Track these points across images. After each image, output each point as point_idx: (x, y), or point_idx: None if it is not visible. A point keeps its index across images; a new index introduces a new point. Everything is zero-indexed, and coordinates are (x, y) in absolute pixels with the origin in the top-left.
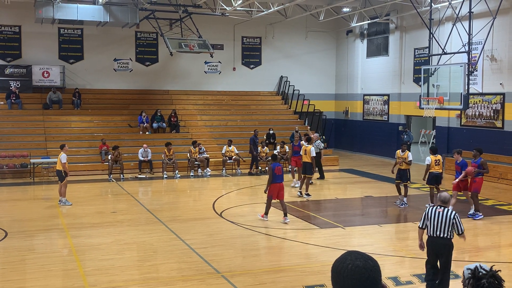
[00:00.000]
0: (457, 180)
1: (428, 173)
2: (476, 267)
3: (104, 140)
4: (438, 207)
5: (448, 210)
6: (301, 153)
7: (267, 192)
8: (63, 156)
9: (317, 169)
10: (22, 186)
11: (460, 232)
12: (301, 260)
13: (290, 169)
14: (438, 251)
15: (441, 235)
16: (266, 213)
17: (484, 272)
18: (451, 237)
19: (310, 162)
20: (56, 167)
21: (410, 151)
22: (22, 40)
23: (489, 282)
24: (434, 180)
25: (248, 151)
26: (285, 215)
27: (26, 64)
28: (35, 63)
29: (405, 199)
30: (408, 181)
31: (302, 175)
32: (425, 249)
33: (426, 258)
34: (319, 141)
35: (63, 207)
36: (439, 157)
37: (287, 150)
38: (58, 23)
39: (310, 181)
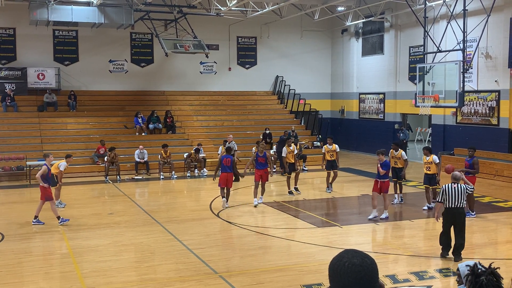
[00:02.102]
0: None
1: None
2: (475, 263)
3: (103, 141)
4: (452, 183)
5: (460, 185)
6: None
7: (214, 179)
8: (63, 164)
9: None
10: (18, 189)
11: (471, 191)
12: (298, 259)
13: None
14: (455, 219)
15: (457, 206)
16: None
17: (483, 269)
18: (464, 206)
19: (291, 162)
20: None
21: (404, 150)
22: (16, 42)
23: (488, 279)
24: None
25: (276, 150)
26: (226, 200)
27: (21, 66)
28: (30, 65)
29: (400, 195)
30: (403, 179)
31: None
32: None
33: (442, 229)
34: (233, 142)
35: (61, 209)
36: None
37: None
38: (52, 25)
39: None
